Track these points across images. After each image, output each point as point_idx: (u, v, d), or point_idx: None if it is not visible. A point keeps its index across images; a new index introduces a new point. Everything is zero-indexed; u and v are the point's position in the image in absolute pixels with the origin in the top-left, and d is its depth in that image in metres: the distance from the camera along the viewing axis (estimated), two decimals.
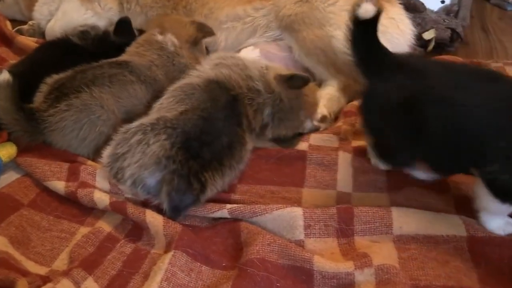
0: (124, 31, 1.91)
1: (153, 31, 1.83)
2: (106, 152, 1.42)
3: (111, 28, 1.95)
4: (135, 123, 1.41)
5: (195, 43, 1.85)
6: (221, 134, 1.41)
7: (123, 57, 1.76)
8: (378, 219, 1.30)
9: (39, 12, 2.37)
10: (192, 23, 1.90)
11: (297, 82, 1.62)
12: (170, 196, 1.31)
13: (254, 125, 1.56)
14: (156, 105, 1.53)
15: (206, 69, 1.62)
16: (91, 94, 1.57)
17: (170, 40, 1.80)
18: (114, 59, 1.73)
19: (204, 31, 1.90)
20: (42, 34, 2.38)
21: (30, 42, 2.23)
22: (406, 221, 1.29)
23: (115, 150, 1.38)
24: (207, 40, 1.97)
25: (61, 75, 1.62)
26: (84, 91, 1.56)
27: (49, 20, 2.33)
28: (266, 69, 1.64)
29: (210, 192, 1.37)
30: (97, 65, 1.66)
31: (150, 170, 1.33)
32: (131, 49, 1.80)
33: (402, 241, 1.27)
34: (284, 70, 1.68)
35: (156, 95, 1.62)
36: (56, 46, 1.88)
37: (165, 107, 1.48)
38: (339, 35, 1.86)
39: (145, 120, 1.41)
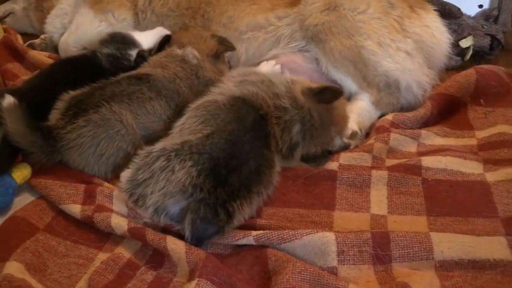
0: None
1: (172, 47, 1.88)
2: (125, 176, 1.44)
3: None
4: (157, 146, 1.43)
5: (216, 56, 1.90)
6: (249, 158, 1.43)
7: (144, 69, 1.82)
8: (417, 243, 1.30)
9: (52, 25, 2.45)
10: (212, 36, 1.95)
11: (328, 95, 1.62)
12: (194, 224, 1.33)
13: (281, 146, 1.57)
14: (178, 125, 1.55)
15: (229, 86, 1.64)
16: (111, 109, 1.62)
17: (191, 53, 1.85)
18: (134, 72, 1.78)
19: (225, 44, 1.94)
20: (54, 48, 2.45)
21: (42, 57, 2.30)
22: (448, 245, 1.29)
23: (136, 176, 1.40)
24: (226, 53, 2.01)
25: (78, 91, 1.68)
26: (104, 106, 1.61)
27: (62, 33, 2.40)
28: (292, 83, 1.66)
29: (236, 222, 1.38)
30: (115, 81, 1.72)
31: (175, 198, 1.35)
32: (154, 58, 1.86)
33: (444, 268, 1.27)
34: (311, 83, 1.69)
35: (179, 110, 1.67)
36: (77, 62, 1.95)
37: (188, 128, 1.50)
38: (369, 45, 1.89)
39: (168, 144, 1.43)
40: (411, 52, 1.94)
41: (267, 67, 1.94)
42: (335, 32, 1.92)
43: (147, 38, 2.03)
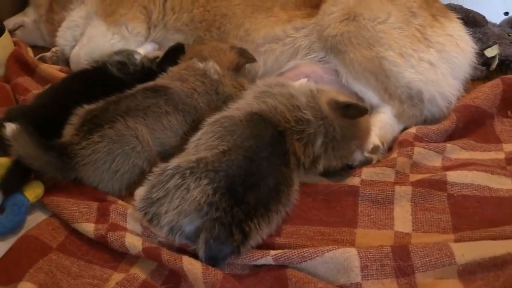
0: (175, 59, 1.99)
1: (193, 59, 1.91)
2: (140, 194, 1.47)
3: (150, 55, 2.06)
4: (172, 164, 1.45)
5: (237, 69, 1.92)
6: (266, 176, 1.44)
7: (163, 81, 1.84)
8: (437, 250, 1.32)
9: (63, 38, 2.48)
10: (231, 48, 1.97)
11: (354, 112, 1.63)
12: (208, 244, 1.34)
13: (304, 161, 1.58)
14: (194, 141, 1.57)
15: (248, 100, 1.66)
16: (126, 124, 1.64)
17: (212, 67, 1.87)
18: (151, 84, 1.81)
19: (246, 56, 1.97)
20: (66, 61, 2.49)
21: (54, 71, 2.34)
22: (468, 248, 1.31)
23: (150, 194, 1.42)
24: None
25: (93, 106, 1.71)
26: (119, 121, 1.64)
27: (73, 46, 2.43)
28: (318, 92, 1.67)
29: (253, 242, 1.39)
30: (131, 95, 1.75)
31: (190, 217, 1.36)
32: (174, 69, 1.89)
33: (467, 271, 1.28)
34: (338, 94, 1.71)
35: (195, 126, 1.69)
36: (89, 75, 1.99)
37: (204, 143, 1.52)
38: (390, 55, 1.91)
39: (183, 162, 1.45)
40: (434, 63, 1.95)
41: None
42: (355, 42, 1.94)
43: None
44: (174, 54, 2.00)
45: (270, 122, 1.56)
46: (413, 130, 1.87)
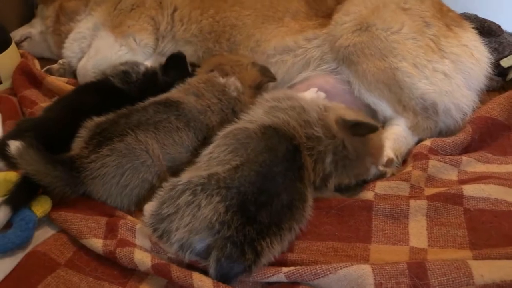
0: (177, 68, 2.02)
1: (214, 73, 1.90)
2: (149, 210, 1.47)
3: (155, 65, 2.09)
4: (183, 179, 1.45)
5: (258, 88, 1.92)
6: (281, 192, 1.44)
7: (176, 94, 1.84)
8: (455, 269, 1.31)
9: (70, 50, 2.52)
10: (253, 65, 1.96)
11: (363, 130, 1.63)
12: (219, 262, 1.35)
13: (314, 177, 1.59)
14: (206, 154, 1.58)
15: (259, 113, 1.67)
16: (136, 138, 1.66)
17: (233, 84, 1.88)
18: (163, 97, 1.82)
19: (268, 75, 1.96)
20: (73, 73, 2.53)
21: (61, 83, 2.37)
22: (488, 268, 1.30)
23: (160, 210, 1.43)
24: None
25: (102, 118, 1.73)
26: (129, 135, 1.66)
27: (80, 58, 2.47)
28: (325, 110, 1.67)
29: (265, 261, 1.39)
30: (142, 108, 1.76)
31: (201, 235, 1.37)
32: (193, 82, 1.89)
33: None
34: (346, 111, 1.71)
35: (206, 142, 1.69)
36: (95, 89, 2.01)
37: (216, 157, 1.52)
38: (404, 66, 1.92)
39: (194, 177, 1.45)
40: (448, 73, 1.96)
41: (308, 94, 1.96)
42: (367, 53, 1.96)
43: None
44: (175, 61, 2.03)
45: (284, 136, 1.56)
46: (427, 142, 1.87)
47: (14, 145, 1.57)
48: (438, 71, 1.95)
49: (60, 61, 2.59)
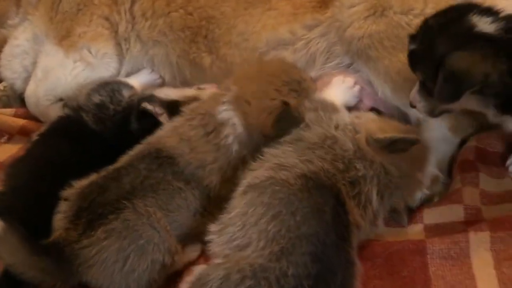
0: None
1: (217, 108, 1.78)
2: None
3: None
4: (214, 274, 1.35)
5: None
6: (336, 271, 1.36)
7: (164, 139, 1.78)
8: None
9: (9, 69, 2.41)
10: (283, 104, 1.72)
11: (402, 145, 1.60)
12: None
13: (364, 224, 1.55)
14: (237, 215, 1.47)
15: (287, 152, 1.58)
16: (135, 210, 1.61)
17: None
18: (150, 147, 1.76)
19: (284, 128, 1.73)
20: (20, 98, 2.42)
21: (8, 118, 2.28)
22: None
23: None
24: None
25: (84, 182, 1.67)
26: (126, 208, 1.61)
27: (25, 79, 2.37)
28: (356, 130, 1.63)
29: None
30: (129, 165, 1.71)
31: None
32: (180, 121, 1.82)
33: None
34: (375, 124, 1.68)
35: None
36: (62, 134, 1.93)
37: (254, 224, 1.41)
38: None
39: (230, 267, 1.34)
40: None
41: (338, 90, 1.89)
42: (388, 46, 1.90)
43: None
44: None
45: (325, 187, 1.48)
46: (473, 143, 1.88)
47: None
48: None
49: (0, 86, 2.48)
